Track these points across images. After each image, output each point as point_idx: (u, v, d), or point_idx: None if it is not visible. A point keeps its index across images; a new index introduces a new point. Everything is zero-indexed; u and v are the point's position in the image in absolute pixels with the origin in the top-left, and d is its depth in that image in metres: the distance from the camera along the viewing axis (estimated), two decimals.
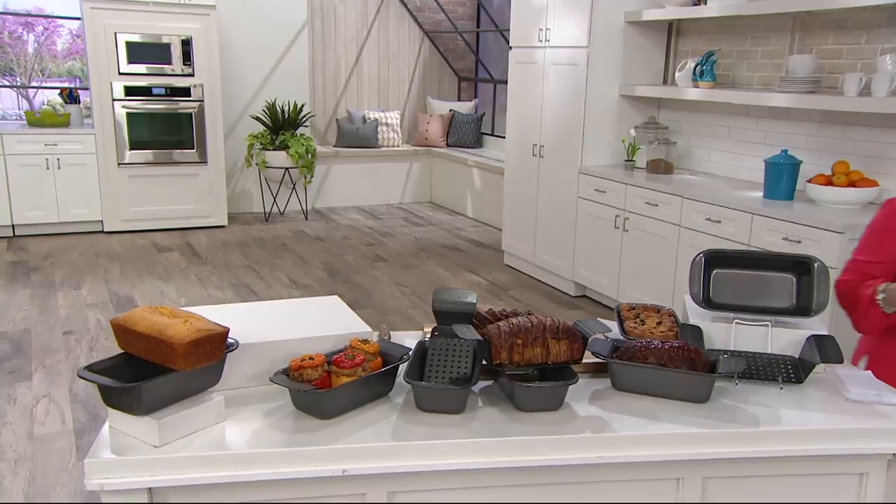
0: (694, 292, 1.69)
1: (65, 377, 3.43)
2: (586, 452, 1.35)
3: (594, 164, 4.55)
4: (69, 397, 3.24)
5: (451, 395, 1.42)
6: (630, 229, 4.17)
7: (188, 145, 6.13)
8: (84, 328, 4.05)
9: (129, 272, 5.09)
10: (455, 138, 7.71)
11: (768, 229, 3.30)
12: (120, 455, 1.23)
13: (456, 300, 1.62)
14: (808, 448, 1.39)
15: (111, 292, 4.66)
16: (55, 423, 3.01)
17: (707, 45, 4.28)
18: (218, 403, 1.35)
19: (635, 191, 4.11)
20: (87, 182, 5.96)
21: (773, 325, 1.63)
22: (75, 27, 7.53)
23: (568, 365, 1.49)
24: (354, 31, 7.69)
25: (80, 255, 5.48)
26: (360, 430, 1.35)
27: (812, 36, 3.69)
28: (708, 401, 1.48)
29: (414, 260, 5.61)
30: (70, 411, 3.11)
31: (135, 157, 6.04)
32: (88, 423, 3.01)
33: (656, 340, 1.54)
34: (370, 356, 1.47)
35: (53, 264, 5.23)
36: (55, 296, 4.57)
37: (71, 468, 2.68)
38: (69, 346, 3.82)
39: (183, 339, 1.25)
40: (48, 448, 2.81)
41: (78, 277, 4.94)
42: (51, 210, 5.91)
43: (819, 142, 3.69)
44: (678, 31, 4.54)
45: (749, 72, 4.07)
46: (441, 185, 7.70)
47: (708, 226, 3.61)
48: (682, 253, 3.80)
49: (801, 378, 1.56)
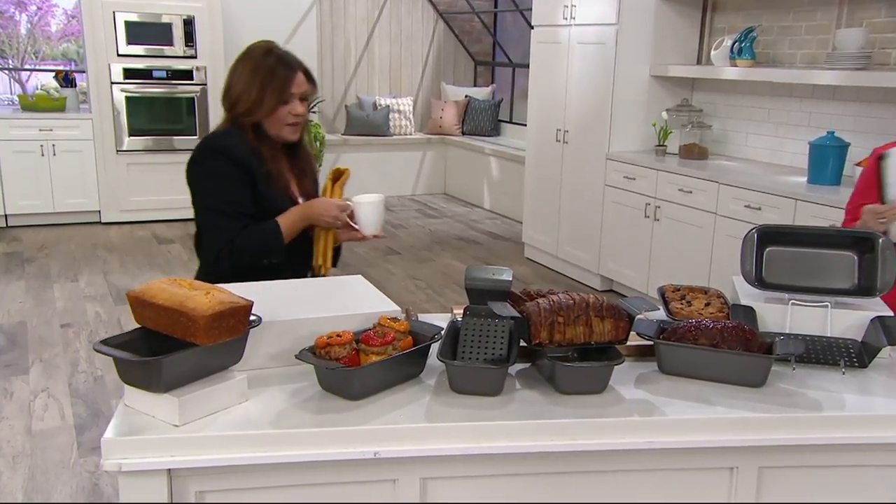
0: (746, 271, 1.67)
1: (63, 371, 3.45)
2: (634, 437, 1.33)
3: (622, 149, 4.52)
4: (68, 392, 3.25)
5: (488, 374, 1.40)
6: (661, 218, 4.14)
7: (190, 132, 6.15)
8: (83, 321, 4.07)
9: (128, 264, 5.11)
10: (471, 126, 7.69)
11: (813, 216, 3.26)
12: (138, 434, 1.23)
13: (490, 277, 1.61)
14: (875, 435, 1.37)
15: (110, 284, 4.68)
16: (54, 418, 3.03)
17: (745, 21, 4.24)
18: (241, 382, 1.34)
19: (667, 177, 4.08)
20: (84, 170, 6.00)
21: (833, 307, 1.61)
22: (70, 7, 7.59)
23: (612, 345, 1.47)
24: (365, 12, 7.69)
25: (77, 247, 5.51)
26: (392, 412, 1.33)
27: (862, 8, 3.64)
28: (764, 385, 1.46)
29: (428, 253, 5.60)
30: (70, 406, 3.12)
31: (134, 144, 6.07)
32: (89, 419, 3.02)
33: (707, 320, 1.52)
34: (401, 335, 1.45)
35: (49, 256, 5.27)
36: (51, 288, 4.59)
37: (72, 464, 2.69)
38: (67, 339, 3.83)
39: (205, 311, 1.24)
40: (47, 444, 2.82)
41: (75, 269, 4.97)
42: (45, 199, 5.95)
43: (869, 123, 3.64)
44: (714, 6, 4.50)
45: (792, 49, 4.03)
46: (456, 175, 7.69)
47: (747, 213, 3.58)
48: (718, 243, 3.77)
49: (865, 362, 1.53)
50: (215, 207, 1.91)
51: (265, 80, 1.89)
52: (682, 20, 4.49)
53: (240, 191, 1.92)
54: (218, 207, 1.91)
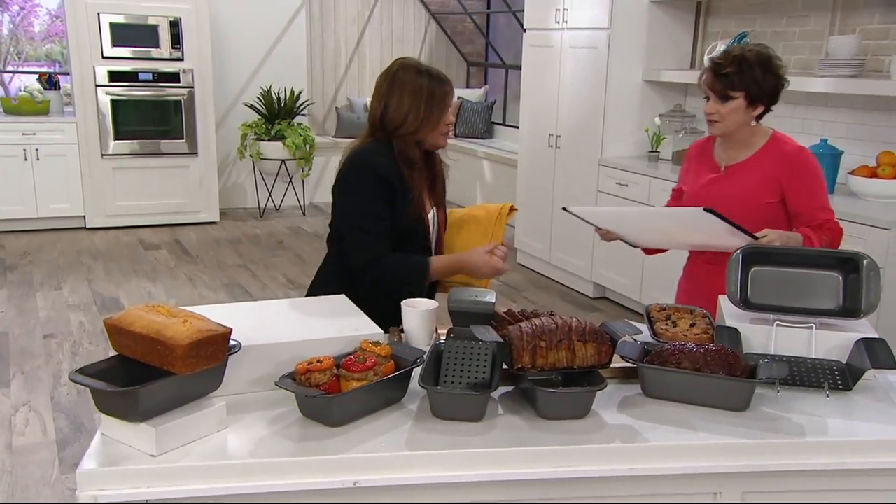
0: (731, 292, 1.69)
1: (45, 384, 3.45)
2: (616, 464, 1.35)
3: (615, 155, 4.54)
4: (50, 406, 3.25)
5: (470, 400, 1.42)
6: None
7: (177, 135, 6.15)
8: (66, 331, 4.07)
9: (113, 271, 5.11)
10: (463, 128, 7.71)
11: None
12: (115, 465, 1.24)
13: (473, 299, 1.62)
14: (857, 461, 1.39)
15: (94, 293, 4.68)
16: (35, 433, 3.03)
17: (739, 26, 4.27)
18: (219, 409, 1.35)
19: (660, 184, 4.10)
20: (68, 174, 5.98)
21: (818, 328, 1.63)
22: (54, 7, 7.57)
23: (595, 370, 1.49)
24: (355, 13, 7.70)
25: (61, 253, 5.50)
26: (373, 439, 1.35)
27: (856, 15, 3.67)
28: (747, 409, 1.48)
29: None
30: (52, 420, 3.12)
31: (119, 148, 6.06)
32: (72, 434, 3.02)
33: (690, 343, 1.54)
34: (382, 359, 1.47)
35: (32, 263, 5.26)
36: (34, 297, 4.59)
37: (53, 481, 2.70)
38: (50, 350, 3.83)
39: (183, 340, 1.25)
40: (28, 460, 2.83)
41: (59, 277, 4.96)
42: (29, 204, 5.94)
43: (862, 130, 3.67)
44: (707, 10, 4.53)
45: (785, 55, 4.05)
46: (449, 178, 7.69)
47: None
48: None
49: (850, 385, 1.56)
50: (360, 224, 1.97)
51: (429, 100, 1.98)
52: (676, 24, 4.52)
53: (382, 209, 1.97)
54: (364, 225, 1.97)
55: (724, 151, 2.19)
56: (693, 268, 2.32)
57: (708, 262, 2.19)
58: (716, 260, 2.09)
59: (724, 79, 2.03)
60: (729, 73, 2.02)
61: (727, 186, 2.14)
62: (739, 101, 2.04)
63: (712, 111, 2.08)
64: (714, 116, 2.08)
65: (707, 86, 2.08)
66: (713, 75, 2.06)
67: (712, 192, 2.14)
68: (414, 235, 2.05)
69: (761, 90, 2.04)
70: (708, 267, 2.19)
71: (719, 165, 2.18)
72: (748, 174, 2.12)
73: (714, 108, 2.07)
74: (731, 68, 2.02)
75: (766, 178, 2.10)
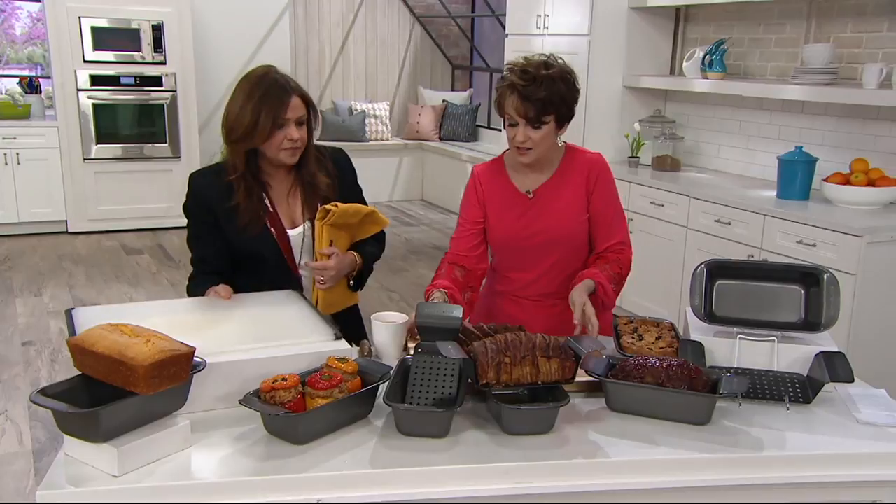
0: (695, 305, 1.71)
1: (23, 393, 3.43)
2: (578, 479, 1.37)
3: None
4: (27, 415, 3.23)
5: (435, 417, 1.43)
6: (634, 231, 4.18)
7: (160, 139, 6.12)
8: (45, 338, 4.05)
9: (95, 277, 5.08)
10: (448, 131, 7.72)
11: (781, 232, 3.32)
12: (76, 486, 1.24)
13: (441, 315, 1.63)
14: (815, 474, 1.41)
15: (75, 299, 4.65)
16: (12, 442, 3.01)
17: (718, 33, 4.30)
18: (183, 428, 1.35)
19: (640, 189, 4.13)
20: (50, 179, 5.95)
21: (780, 341, 1.65)
22: (35, 10, 7.51)
23: (559, 385, 1.51)
24: (339, 16, 7.69)
25: (42, 259, 5.47)
26: (337, 457, 1.36)
27: (829, 23, 3.71)
28: (709, 423, 1.50)
29: (403, 263, 5.62)
30: (28, 430, 3.11)
31: (102, 152, 6.03)
32: (48, 444, 3.01)
33: (654, 358, 1.56)
34: (348, 376, 1.48)
35: (12, 268, 5.22)
36: (13, 303, 4.56)
37: (28, 492, 2.69)
38: (28, 357, 3.81)
39: (145, 360, 1.25)
40: (3, 470, 2.81)
41: (39, 283, 4.93)
42: (9, 209, 5.90)
43: (836, 137, 3.71)
44: (686, 17, 4.56)
45: (762, 62, 4.09)
46: (433, 181, 7.71)
47: (717, 228, 3.64)
48: (689, 256, 3.82)
49: (810, 398, 1.58)
50: (187, 241, 2.15)
51: (257, 107, 1.85)
52: (655, 31, 4.55)
53: (197, 227, 2.11)
54: (188, 242, 2.16)
55: (524, 176, 2.00)
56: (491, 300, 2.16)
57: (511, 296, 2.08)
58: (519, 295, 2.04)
59: (537, 104, 1.80)
60: (542, 97, 1.80)
61: (543, 212, 1.98)
62: (551, 125, 1.86)
63: (524, 139, 1.85)
64: (527, 144, 1.86)
65: (515, 112, 1.83)
66: (522, 100, 1.81)
67: (530, 224, 1.99)
68: (259, 254, 1.98)
69: (570, 109, 1.88)
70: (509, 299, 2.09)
71: (523, 193, 2.00)
72: (558, 193, 1.98)
73: (526, 135, 1.84)
74: (544, 92, 1.80)
75: (576, 192, 1.98)
